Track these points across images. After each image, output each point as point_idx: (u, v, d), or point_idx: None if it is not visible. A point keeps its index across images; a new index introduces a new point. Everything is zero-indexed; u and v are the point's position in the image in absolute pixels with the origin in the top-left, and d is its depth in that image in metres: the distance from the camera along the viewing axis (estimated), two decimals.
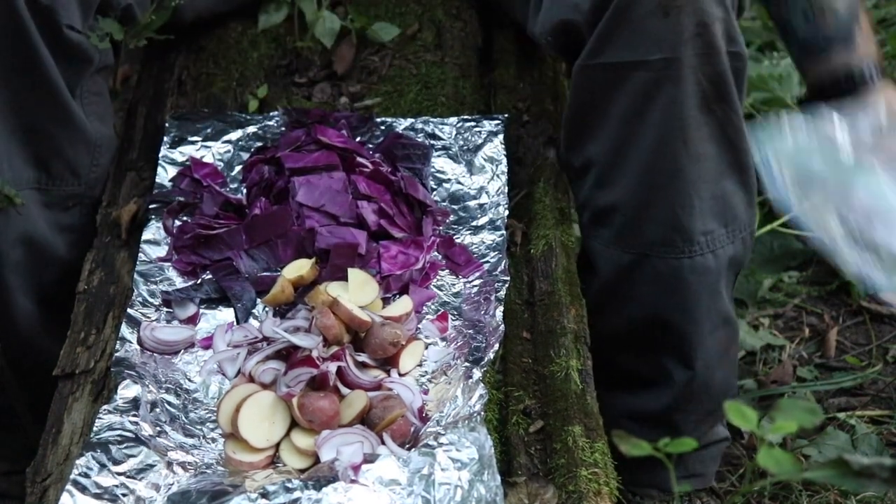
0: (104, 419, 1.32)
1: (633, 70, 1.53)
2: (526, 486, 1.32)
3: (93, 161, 1.68)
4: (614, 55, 1.53)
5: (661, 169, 1.58)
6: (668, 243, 1.62)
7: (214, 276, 1.55)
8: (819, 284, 2.41)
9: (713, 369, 1.74)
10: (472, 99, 1.87)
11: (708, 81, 1.53)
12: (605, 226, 1.67)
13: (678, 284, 1.65)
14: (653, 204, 1.61)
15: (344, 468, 1.23)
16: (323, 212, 1.58)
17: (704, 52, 1.51)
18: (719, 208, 1.62)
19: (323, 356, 1.38)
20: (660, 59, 1.51)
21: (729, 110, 1.56)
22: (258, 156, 1.70)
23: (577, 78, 1.59)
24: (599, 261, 1.70)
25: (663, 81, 1.52)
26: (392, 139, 1.71)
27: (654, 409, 1.77)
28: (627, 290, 1.69)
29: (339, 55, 1.92)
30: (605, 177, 1.63)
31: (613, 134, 1.59)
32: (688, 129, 1.55)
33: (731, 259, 1.67)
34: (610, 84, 1.56)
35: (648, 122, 1.56)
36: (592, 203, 1.67)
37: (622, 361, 1.77)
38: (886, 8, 3.08)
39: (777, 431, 0.93)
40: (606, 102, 1.58)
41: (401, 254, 1.55)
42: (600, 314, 1.70)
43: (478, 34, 1.99)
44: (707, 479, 1.89)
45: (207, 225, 1.59)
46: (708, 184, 1.60)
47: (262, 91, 1.86)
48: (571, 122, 1.66)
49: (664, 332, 1.70)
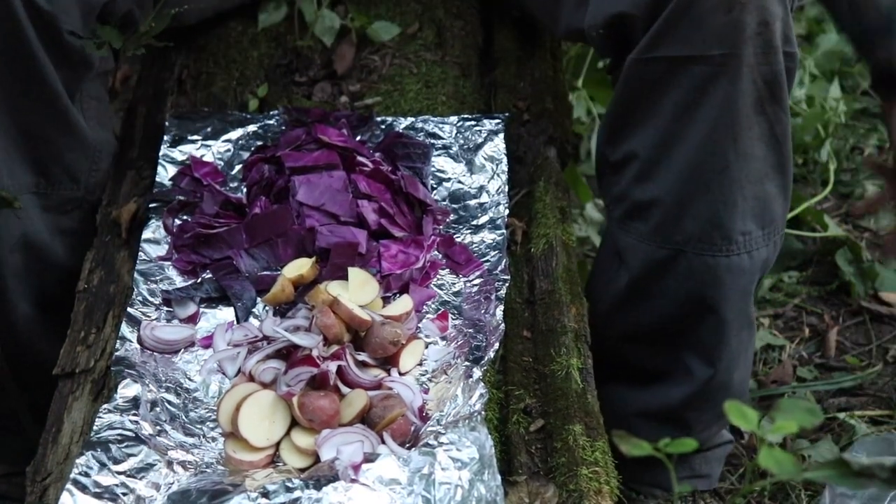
0: (104, 418, 1.32)
1: (691, 64, 1.52)
2: (526, 485, 1.32)
3: (92, 166, 1.68)
4: (673, 49, 1.51)
5: (709, 165, 1.57)
6: (707, 240, 1.61)
7: (214, 275, 1.55)
8: (819, 284, 2.41)
9: (732, 370, 1.74)
10: (472, 98, 1.87)
11: (763, 81, 1.52)
12: (640, 220, 1.65)
13: (713, 282, 1.64)
14: (695, 200, 1.59)
15: (344, 467, 1.23)
16: (323, 211, 1.58)
17: (763, 50, 1.50)
18: (759, 209, 1.61)
19: (323, 355, 1.38)
20: (719, 55, 1.49)
21: (780, 111, 1.56)
22: (258, 155, 1.70)
23: (629, 70, 1.57)
24: (631, 255, 1.68)
25: (720, 77, 1.51)
26: (392, 138, 1.70)
27: (667, 405, 1.77)
28: (659, 285, 1.67)
29: (340, 54, 1.92)
30: (647, 170, 1.62)
31: (662, 127, 1.58)
32: (739, 127, 1.54)
33: (764, 261, 1.66)
34: (664, 77, 1.55)
35: (700, 117, 1.54)
36: (629, 197, 1.65)
37: (638, 357, 1.77)
38: None
39: (777, 431, 0.93)
40: (659, 95, 1.56)
41: (401, 253, 1.55)
42: (625, 308, 1.69)
43: (478, 33, 1.99)
44: (712, 481, 1.89)
45: (207, 224, 1.59)
46: (752, 184, 1.59)
47: (262, 90, 1.86)
48: (616, 114, 1.64)
49: (692, 328, 1.70)
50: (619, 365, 1.79)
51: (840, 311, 2.35)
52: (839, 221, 2.56)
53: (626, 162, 1.64)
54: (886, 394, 2.15)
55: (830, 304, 2.38)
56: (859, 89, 2.86)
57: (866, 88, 2.86)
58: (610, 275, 1.72)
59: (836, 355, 2.25)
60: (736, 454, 2.02)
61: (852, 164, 2.70)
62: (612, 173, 1.68)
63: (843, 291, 2.39)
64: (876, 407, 2.12)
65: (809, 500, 1.93)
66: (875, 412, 2.10)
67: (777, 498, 1.96)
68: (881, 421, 2.09)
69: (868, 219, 2.57)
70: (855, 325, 2.32)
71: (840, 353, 2.26)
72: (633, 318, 1.72)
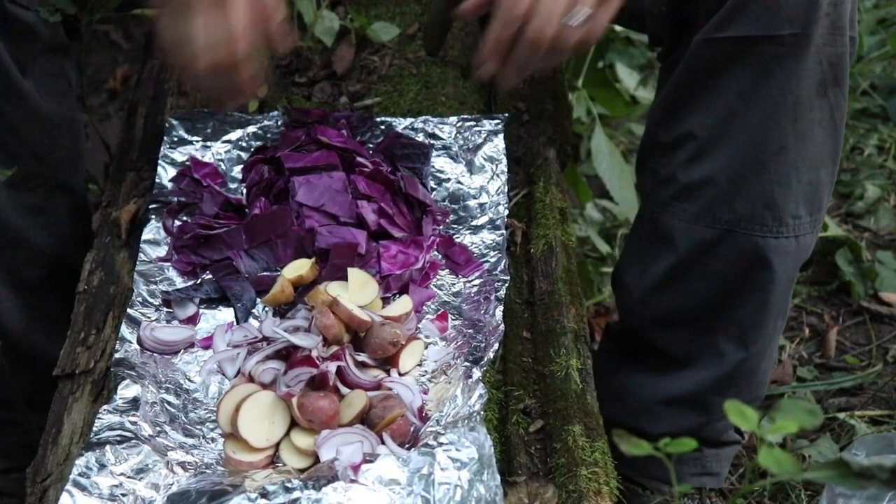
0: (104, 419, 1.32)
1: (760, 44, 1.50)
2: (526, 485, 1.32)
3: (52, 141, 1.66)
4: (743, 28, 1.50)
5: (767, 144, 1.56)
6: (758, 220, 1.61)
7: (214, 275, 1.55)
8: (819, 284, 2.41)
9: (762, 356, 1.74)
10: (472, 98, 1.87)
11: (828, 63, 1.51)
12: (690, 201, 1.64)
13: (760, 263, 1.63)
14: (750, 179, 1.59)
15: (344, 468, 1.23)
16: (323, 211, 1.58)
17: (832, 31, 1.49)
18: (811, 195, 1.61)
19: (323, 356, 1.38)
20: (789, 35, 1.48)
21: (840, 96, 1.55)
22: (258, 156, 1.70)
23: (695, 50, 1.55)
24: (678, 237, 1.67)
25: (787, 56, 1.50)
26: (392, 139, 1.71)
27: (692, 390, 1.76)
28: (706, 266, 1.67)
29: (339, 55, 1.92)
30: (703, 150, 1.61)
31: (723, 106, 1.57)
32: (801, 108, 1.53)
33: (807, 249, 1.66)
34: (731, 57, 1.53)
35: (763, 97, 1.54)
36: (680, 177, 1.64)
37: (669, 341, 1.76)
38: (886, 8, 3.08)
39: (777, 431, 0.93)
40: (722, 75, 1.55)
41: (400, 253, 1.55)
42: (665, 291, 1.69)
43: (478, 33, 1.99)
44: (720, 479, 1.89)
45: (207, 225, 1.59)
46: (808, 168, 1.58)
47: (262, 91, 1.86)
48: (674, 95, 1.63)
49: (732, 309, 1.69)
50: (644, 350, 1.78)
51: (840, 311, 2.35)
52: (839, 221, 2.56)
53: (681, 142, 1.63)
54: (886, 394, 2.15)
55: (830, 304, 2.38)
56: (859, 89, 2.86)
57: (866, 88, 2.86)
58: (648, 258, 1.70)
59: (836, 355, 2.25)
60: (736, 454, 2.02)
61: (852, 164, 2.70)
62: (662, 155, 1.67)
63: (843, 291, 2.39)
64: (876, 407, 2.12)
65: (809, 500, 1.93)
66: (875, 412, 2.11)
67: (777, 498, 1.96)
68: (881, 421, 2.09)
69: (868, 219, 2.57)
70: (855, 325, 2.32)
71: (840, 353, 2.26)
72: (671, 301, 1.71)
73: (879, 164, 2.69)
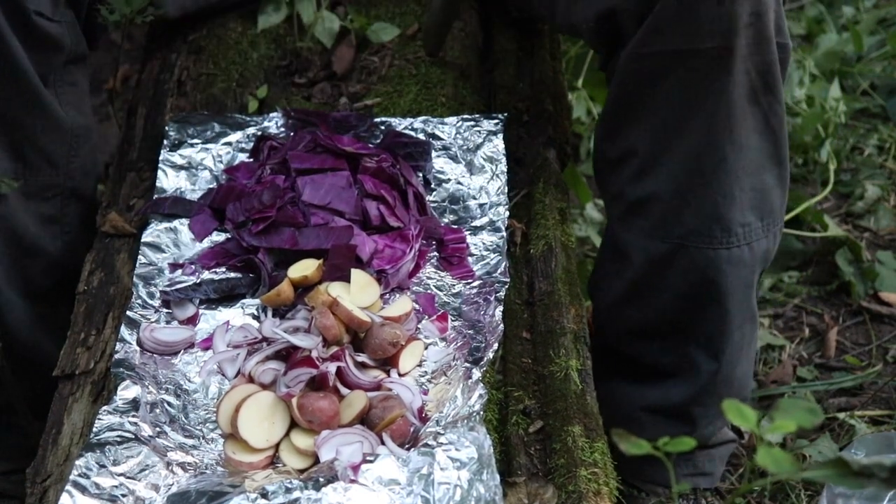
0: (104, 420, 1.32)
1: (685, 58, 1.51)
2: (525, 485, 1.32)
3: (70, 151, 1.67)
4: (666, 43, 1.51)
5: (707, 158, 1.57)
6: (707, 233, 1.62)
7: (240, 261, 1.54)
8: (819, 284, 2.41)
9: (735, 364, 1.74)
10: (471, 99, 1.87)
11: (756, 72, 1.52)
12: (641, 216, 1.65)
13: (714, 275, 1.64)
14: (694, 193, 1.60)
15: (343, 468, 1.23)
16: (329, 209, 1.57)
17: (756, 41, 1.50)
18: (757, 201, 1.62)
19: (322, 356, 1.38)
20: (713, 48, 1.49)
21: (774, 102, 1.56)
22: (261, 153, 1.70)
23: (624, 66, 1.57)
24: (633, 252, 1.68)
25: (714, 70, 1.51)
26: (392, 137, 1.70)
27: (674, 401, 1.77)
28: (662, 280, 1.68)
29: (339, 55, 1.92)
30: (646, 166, 1.62)
31: (660, 123, 1.58)
32: (735, 119, 1.54)
33: (765, 253, 1.67)
34: (659, 72, 1.54)
35: (696, 111, 1.55)
36: (629, 193, 1.65)
37: (644, 353, 1.77)
38: (886, 8, 3.08)
39: (777, 431, 0.93)
40: (654, 90, 1.56)
41: (387, 248, 1.55)
42: (629, 305, 1.69)
43: (478, 34, 2.00)
44: (714, 479, 1.89)
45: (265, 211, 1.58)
46: (749, 175, 1.59)
47: (261, 91, 1.86)
48: (612, 112, 1.64)
49: (695, 322, 1.70)
50: (624, 362, 1.79)
51: (840, 311, 2.35)
52: (839, 221, 2.56)
53: (625, 159, 1.64)
54: (886, 394, 2.15)
55: (830, 304, 2.38)
56: (859, 89, 2.86)
57: (866, 88, 2.86)
58: (612, 272, 1.72)
59: (836, 355, 2.25)
60: (736, 454, 2.02)
61: (852, 164, 2.70)
62: (611, 171, 1.68)
63: (843, 291, 2.39)
64: (876, 407, 2.12)
65: (809, 499, 1.93)
66: (875, 412, 2.10)
67: (777, 498, 1.96)
68: (881, 421, 2.09)
69: (868, 219, 2.58)
70: (855, 325, 2.32)
71: (840, 353, 2.26)
72: (637, 314, 1.72)
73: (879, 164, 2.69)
